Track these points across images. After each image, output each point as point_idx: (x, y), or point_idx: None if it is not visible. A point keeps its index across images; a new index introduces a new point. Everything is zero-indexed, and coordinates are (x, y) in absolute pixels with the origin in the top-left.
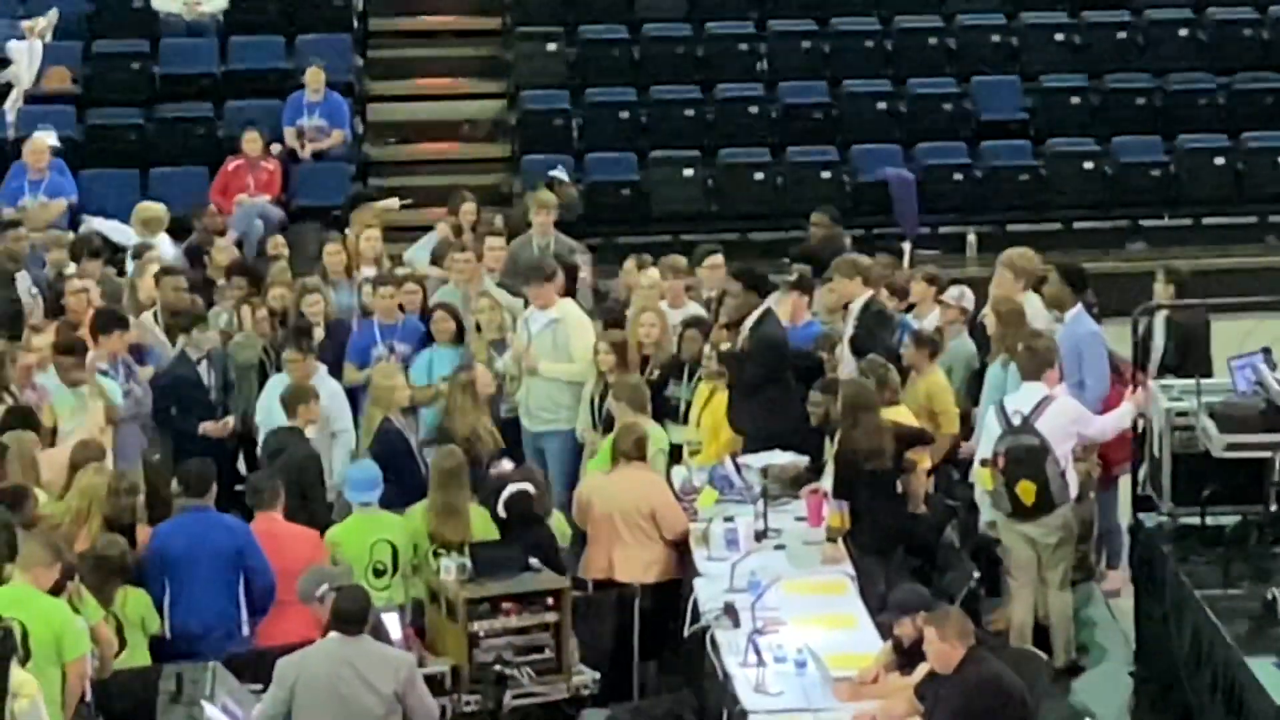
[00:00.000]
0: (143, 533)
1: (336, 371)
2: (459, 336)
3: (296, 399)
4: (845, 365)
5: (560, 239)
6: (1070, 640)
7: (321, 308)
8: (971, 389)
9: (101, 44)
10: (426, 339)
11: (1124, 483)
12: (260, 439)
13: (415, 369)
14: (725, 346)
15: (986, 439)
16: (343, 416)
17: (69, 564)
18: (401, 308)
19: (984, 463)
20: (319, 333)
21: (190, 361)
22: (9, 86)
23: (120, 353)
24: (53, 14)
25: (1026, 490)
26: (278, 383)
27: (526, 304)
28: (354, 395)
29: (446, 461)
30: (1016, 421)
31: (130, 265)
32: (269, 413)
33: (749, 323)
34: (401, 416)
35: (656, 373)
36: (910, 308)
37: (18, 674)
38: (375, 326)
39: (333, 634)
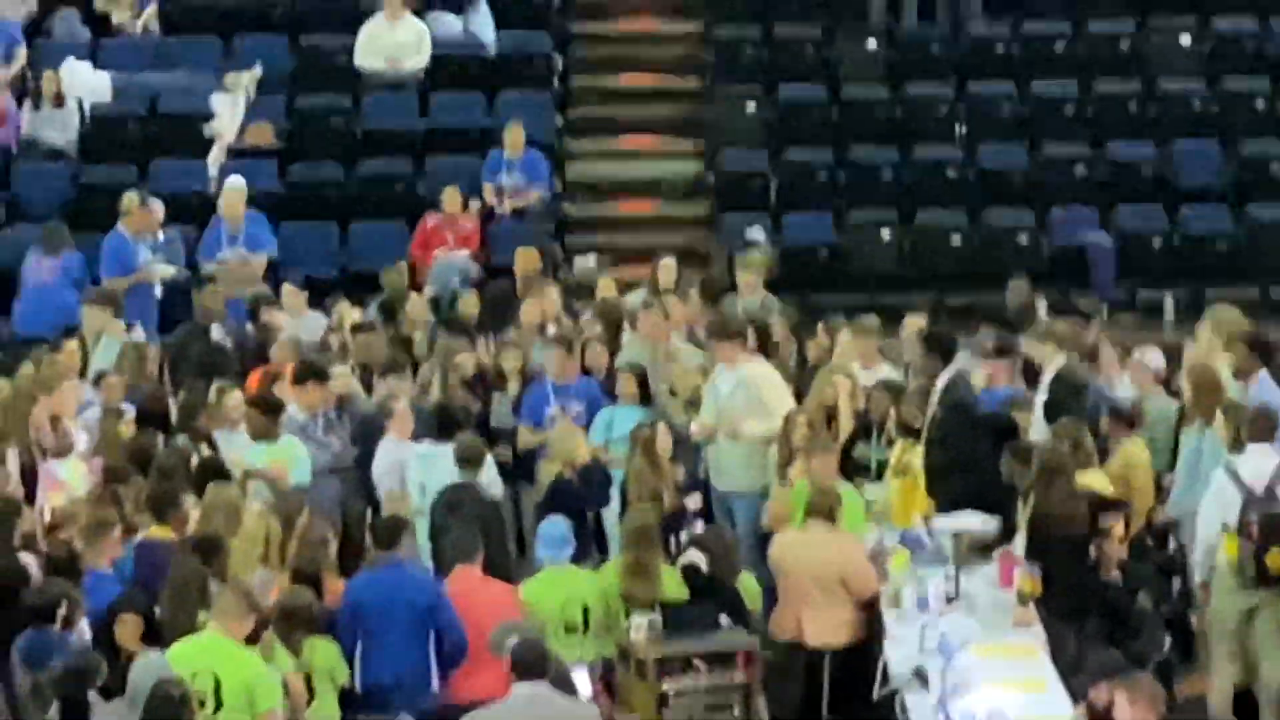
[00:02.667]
0: (334, 583)
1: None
2: (642, 397)
3: (475, 460)
4: (1037, 431)
5: (767, 299)
6: None
7: (519, 362)
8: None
9: (304, 99)
10: (606, 399)
11: None
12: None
13: (595, 427)
14: (915, 415)
15: (1217, 505)
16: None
17: (264, 615)
18: (586, 368)
19: (1234, 531)
20: (515, 387)
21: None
22: (212, 141)
23: (318, 405)
24: (256, 69)
25: (1276, 559)
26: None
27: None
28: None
29: (637, 520)
30: (1259, 488)
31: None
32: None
33: (938, 388)
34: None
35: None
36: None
37: None
38: (549, 386)
39: (516, 687)
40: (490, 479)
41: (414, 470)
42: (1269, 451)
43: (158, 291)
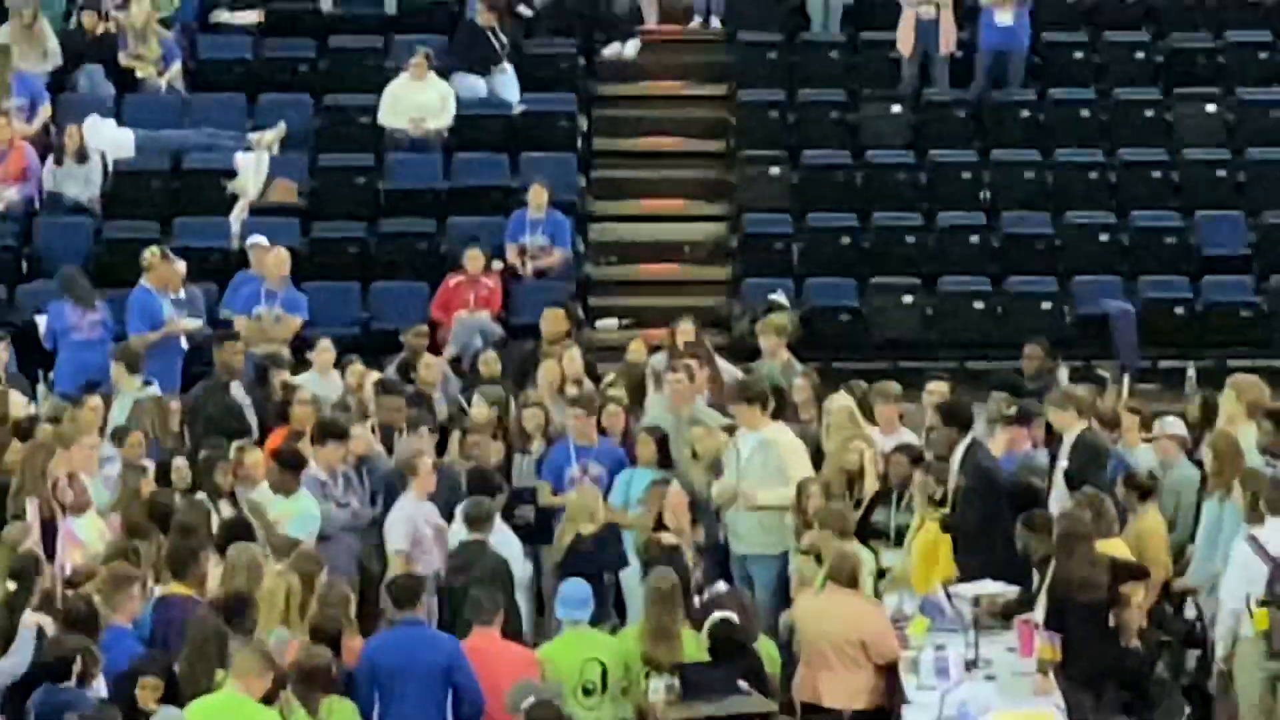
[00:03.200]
0: (353, 642)
1: None
2: (662, 460)
3: (483, 519)
4: (1058, 498)
5: (790, 363)
6: None
7: (541, 422)
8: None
9: (327, 158)
10: (628, 462)
11: None
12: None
13: (615, 490)
14: (934, 487)
15: (1241, 577)
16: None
17: (281, 673)
18: (603, 430)
19: (1262, 603)
20: (538, 446)
21: None
22: (235, 198)
23: (337, 464)
24: (281, 127)
25: None
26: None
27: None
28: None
29: (661, 583)
30: None
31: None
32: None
33: (956, 457)
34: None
35: (864, 498)
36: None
37: None
38: (570, 447)
39: None
40: (502, 540)
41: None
42: None
43: (184, 344)
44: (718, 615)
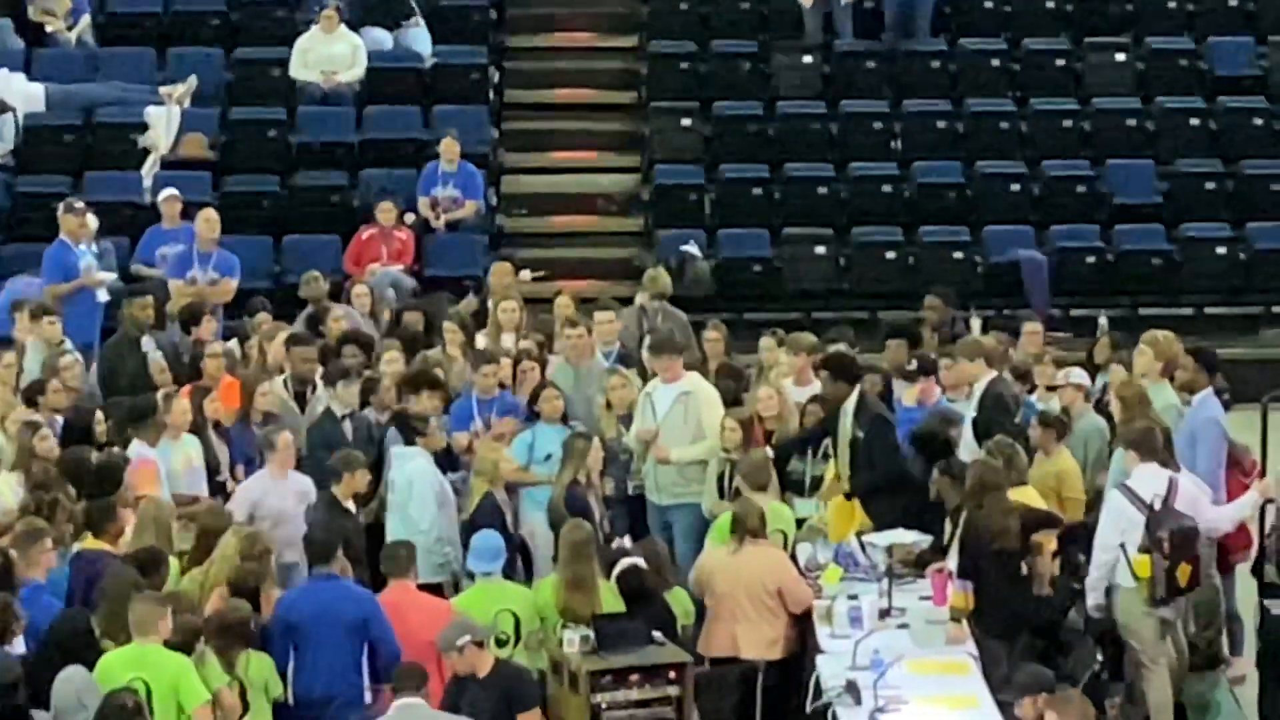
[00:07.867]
0: (272, 595)
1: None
2: (565, 416)
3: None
4: (966, 447)
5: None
6: None
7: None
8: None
9: (238, 111)
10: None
11: (1241, 570)
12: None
13: (516, 446)
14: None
15: (1118, 524)
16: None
17: (195, 626)
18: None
19: (1144, 550)
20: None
21: (336, 419)
22: (146, 152)
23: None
24: (191, 80)
25: (1185, 572)
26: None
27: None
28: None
29: (575, 534)
30: (1157, 505)
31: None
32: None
33: (848, 411)
34: (504, 492)
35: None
36: (1033, 389)
37: None
38: (474, 401)
39: (395, 701)
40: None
41: (392, 469)
42: (1158, 469)
43: (102, 297)
44: (627, 561)
